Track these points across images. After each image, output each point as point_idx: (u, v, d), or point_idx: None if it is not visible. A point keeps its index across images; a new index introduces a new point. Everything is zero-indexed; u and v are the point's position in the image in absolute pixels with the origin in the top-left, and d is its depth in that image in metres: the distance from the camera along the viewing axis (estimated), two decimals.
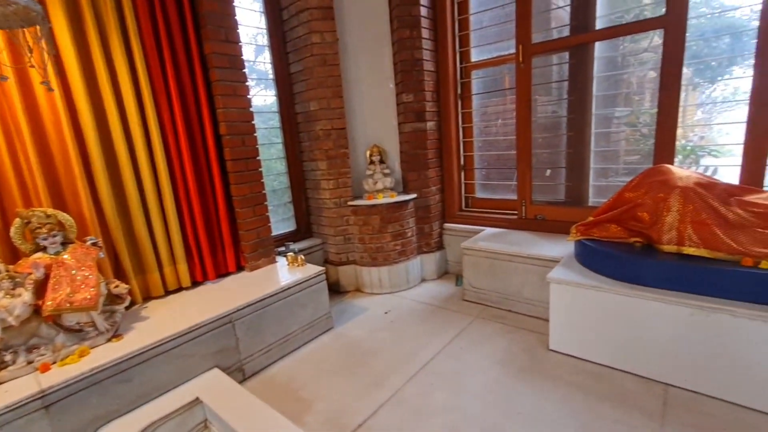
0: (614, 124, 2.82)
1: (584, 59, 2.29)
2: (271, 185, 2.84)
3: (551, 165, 2.59)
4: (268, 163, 2.83)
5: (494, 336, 2.12)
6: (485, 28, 2.72)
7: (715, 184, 1.63)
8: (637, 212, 1.75)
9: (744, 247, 1.47)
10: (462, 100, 2.87)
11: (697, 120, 8.32)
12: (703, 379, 1.53)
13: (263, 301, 1.95)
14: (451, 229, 2.99)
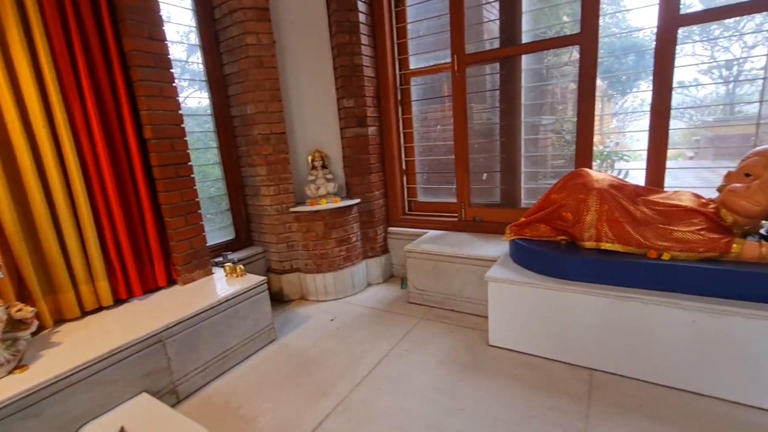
0: (541, 131, 3.04)
1: (513, 70, 2.44)
2: (207, 192, 2.68)
3: (487, 169, 2.73)
4: (204, 169, 2.67)
5: (438, 336, 2.18)
6: (422, 37, 2.81)
7: (625, 186, 1.82)
8: (562, 212, 1.90)
9: (649, 241, 1.65)
10: (402, 106, 2.93)
11: (612, 128, 9.23)
12: (622, 362, 1.69)
13: (198, 317, 1.82)
14: (395, 232, 3.03)
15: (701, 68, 15.42)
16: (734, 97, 9.69)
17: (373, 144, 2.83)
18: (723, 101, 6.11)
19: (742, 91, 12.99)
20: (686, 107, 10.80)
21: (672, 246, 1.61)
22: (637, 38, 5.27)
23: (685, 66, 3.21)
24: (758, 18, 2.15)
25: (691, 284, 1.54)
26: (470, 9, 2.49)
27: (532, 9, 2.42)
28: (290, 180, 2.63)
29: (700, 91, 15.49)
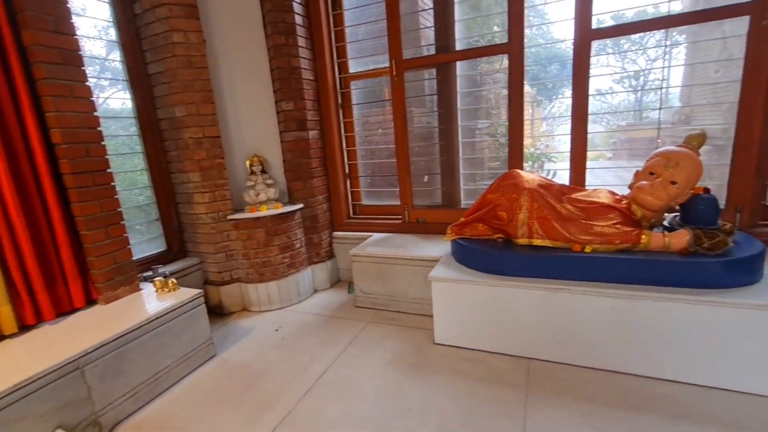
0: (478, 135, 3.19)
1: (448, 76, 2.54)
2: (135, 200, 2.46)
3: (428, 171, 2.80)
4: (131, 176, 2.46)
5: (385, 338, 2.18)
6: (361, 42, 2.82)
7: (551, 185, 1.96)
8: (497, 212, 2.00)
9: (573, 236, 1.79)
10: (343, 109, 2.91)
11: (542, 131, 9.89)
12: (555, 350, 1.81)
13: (123, 338, 1.66)
14: (341, 237, 3.00)
15: (615, 78, 17.12)
16: (642, 104, 10.86)
17: (314, 148, 2.78)
18: (633, 107, 6.86)
19: (648, 98, 14.58)
20: (604, 113, 11.89)
21: (593, 239, 1.75)
22: (560, 49, 5.73)
23: (600, 75, 3.57)
24: (658, 35, 2.42)
25: (610, 273, 1.69)
26: (406, 15, 2.54)
27: (464, 18, 2.53)
28: (227, 186, 2.50)
29: (615, 98, 17.18)
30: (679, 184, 1.71)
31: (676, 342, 1.59)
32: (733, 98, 2.01)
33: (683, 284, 1.59)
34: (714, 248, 1.58)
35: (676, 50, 7.00)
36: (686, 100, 4.57)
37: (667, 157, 1.75)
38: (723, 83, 3.03)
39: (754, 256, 1.56)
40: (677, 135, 2.97)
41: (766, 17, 1.82)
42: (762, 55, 1.86)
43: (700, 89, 4.03)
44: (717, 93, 3.60)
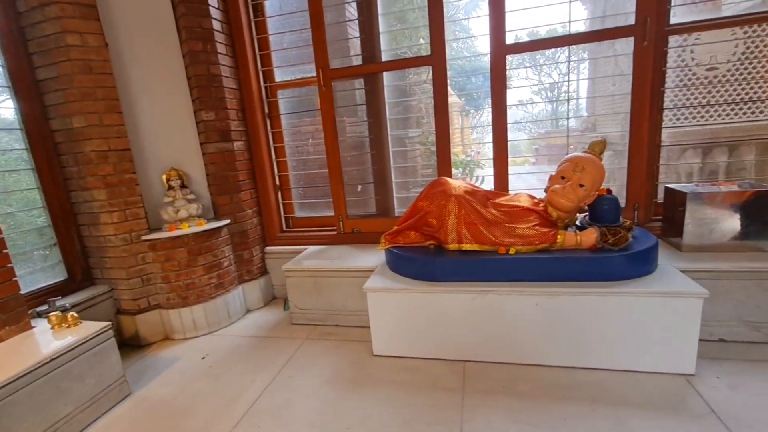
0: (409, 143, 3.25)
1: (376, 86, 2.56)
2: (31, 223, 2.14)
3: (361, 181, 2.79)
4: (27, 195, 2.12)
5: (323, 354, 2.11)
6: (287, 50, 2.75)
7: (477, 191, 2.04)
8: (428, 219, 2.03)
9: (499, 239, 1.87)
10: (271, 119, 2.81)
11: (473, 139, 10.41)
12: (488, 350, 1.87)
13: (5, 389, 1.40)
14: (274, 251, 2.87)
15: (534, 89, 18.72)
16: (557, 114, 11.98)
17: (240, 159, 2.64)
18: (549, 117, 7.57)
19: (562, 108, 16.08)
20: (525, 122, 12.90)
21: (515, 241, 1.85)
22: (484, 62, 6.14)
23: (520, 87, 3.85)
24: (567, 51, 2.65)
25: (533, 272, 1.79)
26: (332, 25, 2.53)
27: (389, 30, 2.58)
28: (140, 204, 2.27)
29: (535, 108, 18.59)
30: (586, 186, 1.87)
31: (592, 332, 1.72)
32: (626, 109, 2.26)
33: (595, 278, 1.74)
34: (617, 243, 1.75)
35: (583, 65, 7.88)
36: (591, 110, 5.10)
37: (574, 163, 1.91)
38: (618, 95, 3.41)
39: (649, 248, 1.75)
40: (585, 141, 3.23)
41: (646, 39, 2.08)
42: (645, 72, 2.12)
43: (602, 100, 4.53)
44: (614, 104, 4.06)
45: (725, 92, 3.19)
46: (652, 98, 2.15)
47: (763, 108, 3.20)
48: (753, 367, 1.68)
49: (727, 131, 2.93)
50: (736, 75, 3.16)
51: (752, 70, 3.14)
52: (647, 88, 2.13)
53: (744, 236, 1.91)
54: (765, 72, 3.12)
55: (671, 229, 2.12)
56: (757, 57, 3.13)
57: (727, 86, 3.25)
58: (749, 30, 3.12)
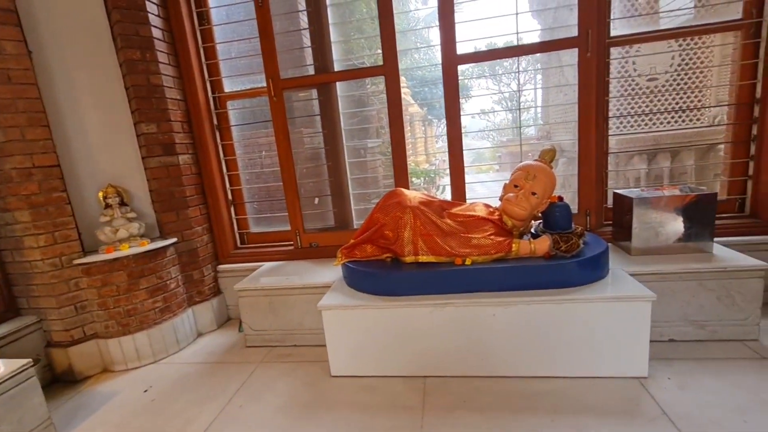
0: (369, 154, 3.21)
1: (330, 97, 2.50)
2: None
3: (318, 193, 2.71)
4: None
5: (278, 379, 1.99)
6: (236, 59, 2.64)
7: (432, 202, 2.01)
8: (384, 231, 1.98)
9: (455, 250, 1.84)
10: (221, 131, 2.68)
11: (438, 148, 10.38)
12: (448, 364, 1.83)
13: None
14: (228, 270, 2.71)
15: (494, 99, 19.24)
16: (515, 123, 12.30)
17: (187, 174, 2.49)
18: (508, 125, 7.81)
19: (523, 117, 16.80)
20: (488, 130, 13.22)
21: (471, 252, 1.83)
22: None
23: (480, 95, 3.88)
24: (524, 63, 2.70)
25: (490, 282, 1.77)
26: (282, 35, 2.45)
27: (341, 40, 2.54)
28: (71, 225, 2.08)
29: (497, 117, 19.17)
30: (538, 194, 1.88)
31: (549, 340, 1.71)
32: (575, 117, 2.32)
33: (550, 285, 1.74)
34: (569, 250, 1.76)
35: (539, 76, 8.15)
36: (546, 119, 5.28)
37: (526, 171, 1.92)
38: (568, 105, 3.53)
39: (599, 254, 1.77)
40: (540, 149, 3.29)
41: (589, 50, 2.15)
42: (589, 81, 2.18)
43: (555, 109, 4.70)
44: (565, 113, 4.22)
45: (665, 101, 3.38)
46: (597, 107, 2.21)
47: (699, 116, 3.41)
48: (700, 365, 1.73)
49: (669, 138, 3.09)
50: (674, 85, 3.36)
51: (688, 81, 3.35)
52: (592, 97, 2.20)
53: (687, 238, 1.98)
54: (699, 82, 3.34)
55: (621, 233, 2.18)
56: (692, 68, 3.34)
57: (666, 95, 3.45)
58: (683, 43, 3.33)
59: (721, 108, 3.30)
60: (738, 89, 2.19)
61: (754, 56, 2.13)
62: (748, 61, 2.14)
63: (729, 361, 1.72)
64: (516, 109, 2.55)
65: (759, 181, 2.19)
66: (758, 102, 2.14)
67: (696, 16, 2.69)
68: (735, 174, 2.27)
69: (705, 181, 3.26)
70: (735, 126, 2.24)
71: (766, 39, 2.07)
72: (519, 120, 2.45)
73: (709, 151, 3.30)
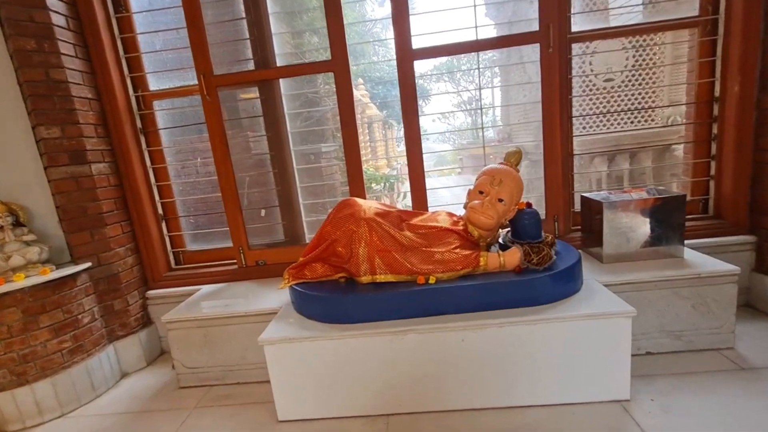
0: (324, 158, 2.94)
1: (272, 95, 2.22)
2: None
3: (264, 205, 2.41)
4: None
5: (216, 427, 1.67)
6: (163, 53, 2.30)
7: (389, 212, 1.78)
8: (336, 248, 1.72)
9: (416, 266, 1.62)
10: (146, 135, 2.32)
11: (399, 151, 10.21)
12: (414, 399, 1.59)
13: None
14: (159, 296, 2.34)
15: (454, 102, 19.49)
16: (475, 125, 12.58)
17: (104, 186, 2.11)
18: (468, 128, 7.81)
19: (479, 119, 16.80)
20: (448, 132, 13.23)
21: (435, 268, 1.61)
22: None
23: (439, 94, 3.73)
24: (483, 62, 2.55)
25: (457, 303, 1.56)
26: (215, 25, 2.15)
27: (283, 32, 2.27)
28: None
29: (457, 119, 19.39)
30: (506, 200, 1.71)
31: (524, 365, 1.52)
32: (538, 117, 2.18)
33: (522, 303, 1.55)
34: (541, 263, 1.59)
35: (493, 78, 8.23)
36: (506, 120, 5.24)
37: (491, 176, 1.74)
38: (530, 104, 3.44)
39: (572, 266, 1.61)
40: (502, 152, 3.18)
41: (551, 45, 2.01)
42: (552, 79, 2.05)
43: (515, 110, 4.65)
44: (527, 113, 4.17)
45: (621, 101, 3.37)
46: (561, 106, 2.09)
47: (653, 116, 3.43)
48: (680, 381, 1.60)
49: (628, 138, 3.06)
50: (629, 85, 3.35)
51: (641, 81, 3.36)
52: (556, 95, 2.07)
53: (657, 242, 1.88)
54: (652, 82, 3.36)
55: (590, 239, 2.05)
56: (644, 67, 3.36)
57: (622, 95, 3.44)
58: (636, 42, 3.34)
59: (674, 108, 3.34)
60: (697, 88, 2.14)
61: (712, 54, 2.08)
62: (706, 58, 2.10)
63: (709, 375, 1.61)
64: (477, 109, 2.39)
65: (721, 182, 2.14)
66: (717, 100, 2.09)
67: (645, 14, 2.64)
68: (697, 174, 2.22)
69: (664, 182, 3.26)
70: (695, 125, 2.19)
71: (722, 36, 2.03)
72: (481, 120, 2.28)
73: (664, 152, 3.31)
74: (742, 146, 2.03)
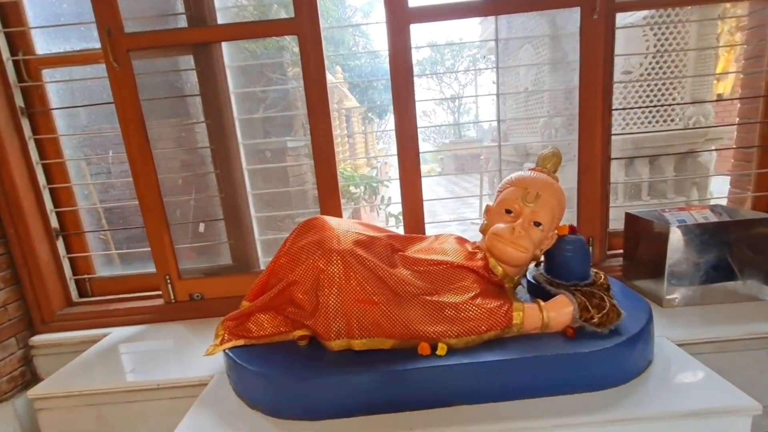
0: (291, 156, 2.34)
1: (212, 67, 1.59)
2: None
3: (204, 217, 1.79)
4: None
5: None
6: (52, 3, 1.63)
7: (376, 239, 1.21)
8: (294, 293, 1.14)
9: (416, 327, 1.06)
10: (31, 117, 1.65)
11: (379, 149, 9.73)
12: None
13: None
14: (50, 343, 1.68)
15: (435, 101, 19.31)
16: (459, 123, 12.38)
17: None
18: (453, 126, 7.34)
19: (463, 119, 17.09)
20: (429, 129, 12.89)
21: (446, 330, 1.05)
22: (383, 61, 5.65)
23: (424, 82, 3.20)
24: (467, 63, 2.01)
25: (479, 388, 1.01)
26: None
27: None
28: None
29: (437, 117, 19.17)
30: (545, 224, 1.17)
31: None
32: (544, 112, 1.66)
33: (576, 387, 1.02)
34: (605, 323, 1.06)
35: (485, 71, 7.91)
36: (501, 115, 4.73)
37: (523, 187, 1.20)
38: (541, 93, 2.93)
39: (646, 326, 1.09)
40: (496, 153, 2.65)
41: (596, 10, 1.49)
42: (596, 56, 1.53)
43: (510, 103, 4.14)
44: (528, 107, 3.67)
45: (643, 93, 2.91)
46: (604, 94, 1.57)
47: (673, 115, 2.99)
48: None
49: (660, 139, 2.60)
50: (653, 73, 2.89)
51: (665, 68, 2.90)
52: (599, 79, 1.55)
53: (735, 279, 1.40)
54: (678, 70, 2.90)
55: (638, 270, 1.56)
56: (673, 52, 2.89)
57: (639, 90, 2.99)
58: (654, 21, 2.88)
59: (696, 107, 2.91)
60: (767, 76, 1.67)
61: None
62: None
63: None
64: (496, 95, 1.81)
65: None
66: None
67: None
68: (762, 188, 1.76)
69: (685, 193, 2.83)
70: (762, 125, 1.72)
71: None
72: (498, 106, 1.74)
73: (686, 158, 2.88)
74: None
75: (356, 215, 3.81)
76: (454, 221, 6.88)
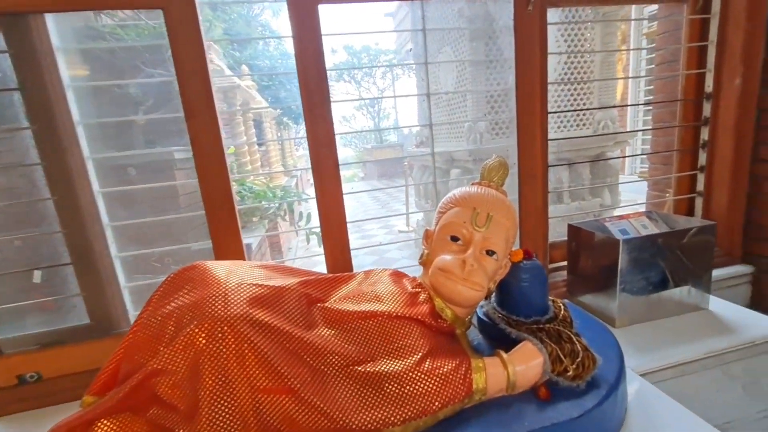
0: (180, 170, 1.88)
1: (32, 50, 1.11)
2: None
3: (40, 262, 1.27)
4: None
5: None
6: None
7: (284, 291, 0.86)
8: (159, 387, 0.75)
9: (345, 416, 0.74)
10: None
11: (299, 157, 9.21)
12: None
13: None
14: None
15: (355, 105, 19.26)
16: (379, 128, 12.42)
17: None
18: (372, 131, 7.19)
19: (383, 124, 17.24)
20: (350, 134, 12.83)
21: (389, 416, 0.75)
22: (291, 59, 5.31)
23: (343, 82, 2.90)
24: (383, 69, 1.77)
25: None
26: None
27: None
28: None
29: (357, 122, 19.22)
30: (498, 253, 0.94)
31: None
32: (469, 117, 1.49)
33: None
34: (581, 375, 0.85)
35: (402, 76, 8.01)
36: (423, 121, 4.61)
37: (471, 207, 0.96)
38: (460, 97, 2.80)
39: (621, 367, 0.92)
40: (417, 156, 2.45)
41: (531, 2, 1.33)
42: (531, 53, 1.37)
43: (434, 107, 4.04)
44: (452, 110, 3.58)
45: (563, 99, 2.96)
46: (542, 96, 1.43)
47: (586, 121, 3.09)
48: None
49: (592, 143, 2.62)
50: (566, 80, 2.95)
51: (576, 75, 2.98)
52: (536, 78, 1.40)
53: (681, 289, 1.33)
54: (586, 76, 3.00)
55: (583, 286, 1.44)
56: (580, 62, 2.98)
57: (558, 95, 3.03)
58: (564, 31, 2.94)
59: (605, 113, 3.04)
60: (684, 81, 1.69)
61: (701, 38, 1.64)
62: (695, 43, 1.65)
63: None
64: (424, 95, 1.57)
65: (711, 200, 1.72)
66: (709, 98, 1.66)
67: None
68: (682, 191, 1.78)
69: (602, 196, 2.91)
70: (680, 129, 1.74)
71: (719, 14, 1.59)
72: (429, 107, 1.51)
73: (596, 162, 2.99)
74: (741, 155, 1.62)
75: (273, 239, 3.36)
76: (382, 228, 6.67)
